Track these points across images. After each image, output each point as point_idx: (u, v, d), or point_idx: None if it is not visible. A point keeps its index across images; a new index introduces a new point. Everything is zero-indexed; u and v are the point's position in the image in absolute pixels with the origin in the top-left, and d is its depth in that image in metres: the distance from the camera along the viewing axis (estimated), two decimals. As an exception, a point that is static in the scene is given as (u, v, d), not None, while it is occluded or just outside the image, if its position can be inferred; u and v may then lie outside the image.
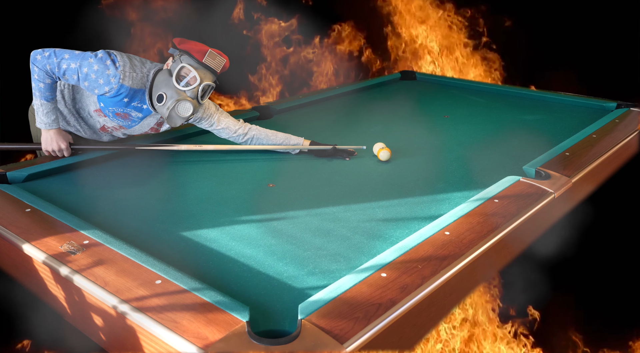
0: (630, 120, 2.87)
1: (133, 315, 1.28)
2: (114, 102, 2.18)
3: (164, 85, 2.14)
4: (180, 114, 2.14)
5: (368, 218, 1.85)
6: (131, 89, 2.14)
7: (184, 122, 2.19)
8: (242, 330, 1.21)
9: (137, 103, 2.21)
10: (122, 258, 1.49)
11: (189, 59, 2.14)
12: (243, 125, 2.43)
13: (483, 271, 1.77)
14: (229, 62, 2.24)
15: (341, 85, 3.83)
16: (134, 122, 2.28)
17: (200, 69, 2.14)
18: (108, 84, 2.11)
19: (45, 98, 2.17)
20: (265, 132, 2.45)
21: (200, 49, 2.14)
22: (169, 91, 2.13)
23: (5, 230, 1.68)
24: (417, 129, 2.88)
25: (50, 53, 2.12)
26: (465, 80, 4.07)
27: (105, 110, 2.22)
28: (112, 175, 2.22)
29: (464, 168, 2.30)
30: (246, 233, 1.74)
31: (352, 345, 1.19)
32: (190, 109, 2.13)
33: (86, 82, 2.12)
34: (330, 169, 2.29)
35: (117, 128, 2.33)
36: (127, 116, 2.24)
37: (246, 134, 2.42)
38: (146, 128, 2.34)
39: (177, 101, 2.11)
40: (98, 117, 2.28)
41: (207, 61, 2.14)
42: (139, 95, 2.19)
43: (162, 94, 2.13)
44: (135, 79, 2.13)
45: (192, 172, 2.27)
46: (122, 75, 2.10)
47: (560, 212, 2.16)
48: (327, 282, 1.45)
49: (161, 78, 2.16)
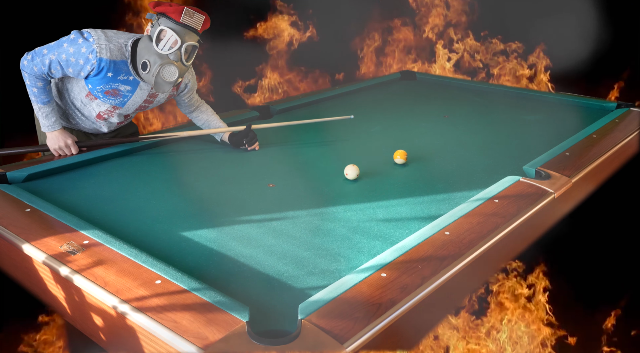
0: (630, 120, 2.87)
1: (133, 315, 1.28)
2: (99, 79, 2.14)
3: (146, 51, 2.09)
4: (166, 79, 2.09)
5: (368, 218, 1.85)
6: (111, 61, 2.10)
7: (173, 85, 2.15)
8: (242, 330, 1.21)
9: (123, 76, 2.16)
10: (122, 258, 1.49)
11: (167, 21, 2.07)
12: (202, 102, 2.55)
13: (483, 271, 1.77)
14: (210, 20, 2.17)
15: (341, 85, 3.83)
16: (126, 97, 2.24)
17: (179, 29, 2.07)
18: (87, 62, 2.08)
19: (42, 102, 2.18)
20: (207, 117, 2.54)
21: (175, 9, 2.07)
22: (151, 57, 2.08)
23: (5, 230, 1.68)
24: (417, 129, 2.88)
25: (32, 55, 2.12)
26: (465, 80, 4.07)
27: (94, 91, 2.19)
28: (112, 175, 2.22)
29: (464, 168, 2.30)
30: (246, 233, 1.74)
31: (352, 345, 1.19)
32: (175, 72, 2.09)
33: (70, 68, 2.11)
34: (330, 169, 2.29)
35: (111, 111, 2.29)
36: (117, 92, 2.20)
37: (196, 110, 2.53)
38: (140, 101, 2.29)
39: (161, 66, 2.06)
40: (90, 102, 2.25)
41: (185, 20, 2.07)
42: (123, 67, 2.14)
43: (145, 61, 2.09)
44: (112, 51, 2.09)
45: (192, 172, 2.27)
46: (97, 48, 2.06)
47: (560, 212, 2.16)
48: (327, 282, 1.45)
49: (142, 45, 2.11)
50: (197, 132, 2.53)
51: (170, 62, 2.08)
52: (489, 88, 3.80)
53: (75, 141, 2.31)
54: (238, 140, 2.49)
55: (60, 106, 2.33)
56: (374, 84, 3.87)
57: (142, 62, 2.10)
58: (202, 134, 2.55)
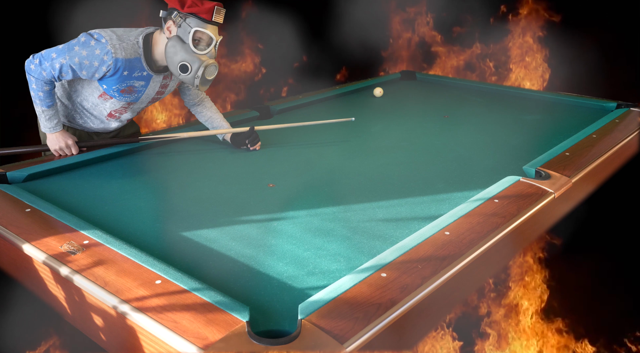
0: (630, 120, 2.87)
1: (133, 315, 1.28)
2: (115, 79, 2.15)
3: (182, 53, 2.12)
4: (209, 77, 2.19)
5: (368, 218, 1.85)
6: (126, 60, 2.12)
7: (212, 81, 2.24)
8: (242, 330, 1.21)
9: (137, 73, 2.18)
10: (122, 258, 1.49)
11: (197, 21, 2.11)
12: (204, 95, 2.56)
13: (483, 271, 1.77)
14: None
15: (341, 85, 3.83)
16: (140, 93, 2.26)
17: (211, 28, 2.13)
18: (103, 63, 2.08)
19: (46, 105, 2.18)
20: (211, 114, 2.54)
21: (206, 9, 2.10)
22: (189, 58, 2.12)
23: (5, 230, 1.68)
24: (417, 129, 2.88)
25: (39, 59, 2.11)
26: (466, 80, 4.07)
27: (109, 91, 2.20)
28: (112, 175, 2.22)
29: (464, 168, 2.30)
30: (246, 233, 1.74)
31: (352, 345, 1.19)
32: (216, 69, 2.20)
33: (84, 71, 2.10)
34: (330, 169, 2.29)
35: (125, 107, 2.31)
36: (132, 89, 2.22)
37: (200, 104, 2.54)
38: (153, 93, 2.32)
39: (204, 67, 2.13)
40: (104, 102, 2.26)
41: (215, 18, 2.12)
42: (137, 64, 2.16)
43: (184, 64, 2.13)
44: (127, 49, 2.11)
45: (192, 172, 2.27)
46: (112, 49, 2.07)
47: (560, 212, 2.16)
48: (327, 282, 1.45)
49: (173, 49, 2.13)
50: (199, 133, 2.52)
51: (211, 62, 2.16)
52: (489, 88, 3.80)
53: (75, 141, 2.31)
54: (240, 140, 2.50)
55: (67, 107, 2.33)
56: (374, 84, 3.87)
57: (180, 65, 2.13)
58: (203, 135, 2.54)
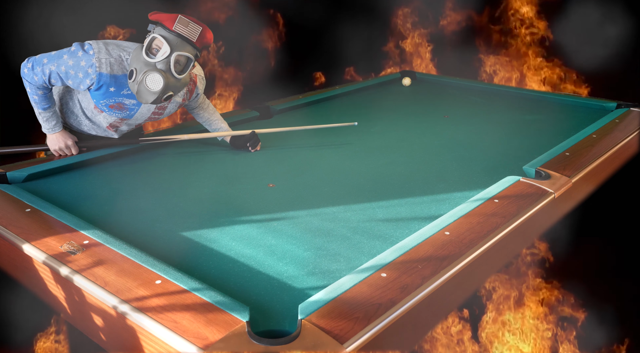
0: (630, 120, 2.87)
1: (133, 315, 1.28)
2: (101, 94, 2.09)
3: (135, 60, 2.01)
4: (149, 87, 1.97)
5: (368, 218, 1.85)
6: (112, 76, 2.03)
7: (160, 98, 2.02)
8: (242, 330, 1.21)
9: (127, 90, 2.08)
10: (122, 258, 1.49)
11: (161, 30, 1.98)
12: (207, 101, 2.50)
13: (483, 271, 1.77)
14: (212, 34, 2.08)
15: (341, 85, 3.83)
16: (132, 110, 2.17)
17: (171, 38, 1.97)
18: (87, 76, 2.02)
19: (42, 108, 2.17)
20: (209, 115, 2.49)
21: (169, 17, 1.98)
22: (138, 65, 1.99)
23: (5, 230, 1.68)
24: (417, 129, 2.88)
25: (32, 63, 2.07)
26: (465, 80, 4.07)
27: (99, 105, 2.14)
28: (112, 175, 2.22)
29: (464, 168, 2.30)
30: (246, 233, 1.74)
31: (352, 345, 1.19)
32: (160, 81, 1.96)
33: (69, 80, 2.06)
34: (330, 169, 2.29)
35: (119, 122, 2.26)
36: (122, 106, 2.12)
37: (199, 107, 2.46)
38: (148, 113, 2.25)
39: (144, 73, 1.95)
40: (98, 114, 2.23)
41: (177, 28, 1.96)
42: (125, 82, 2.07)
43: (132, 69, 2.00)
44: (112, 65, 2.03)
45: (192, 172, 2.27)
46: (97, 63, 2.00)
47: (560, 212, 2.16)
48: (327, 282, 1.45)
49: (134, 54, 2.03)
50: (199, 135, 2.50)
51: (155, 70, 1.97)
52: (489, 88, 3.80)
53: (75, 141, 2.30)
54: (241, 144, 2.48)
55: (75, 114, 2.30)
56: (374, 84, 3.87)
57: (129, 71, 2.02)
58: (203, 137, 2.53)
